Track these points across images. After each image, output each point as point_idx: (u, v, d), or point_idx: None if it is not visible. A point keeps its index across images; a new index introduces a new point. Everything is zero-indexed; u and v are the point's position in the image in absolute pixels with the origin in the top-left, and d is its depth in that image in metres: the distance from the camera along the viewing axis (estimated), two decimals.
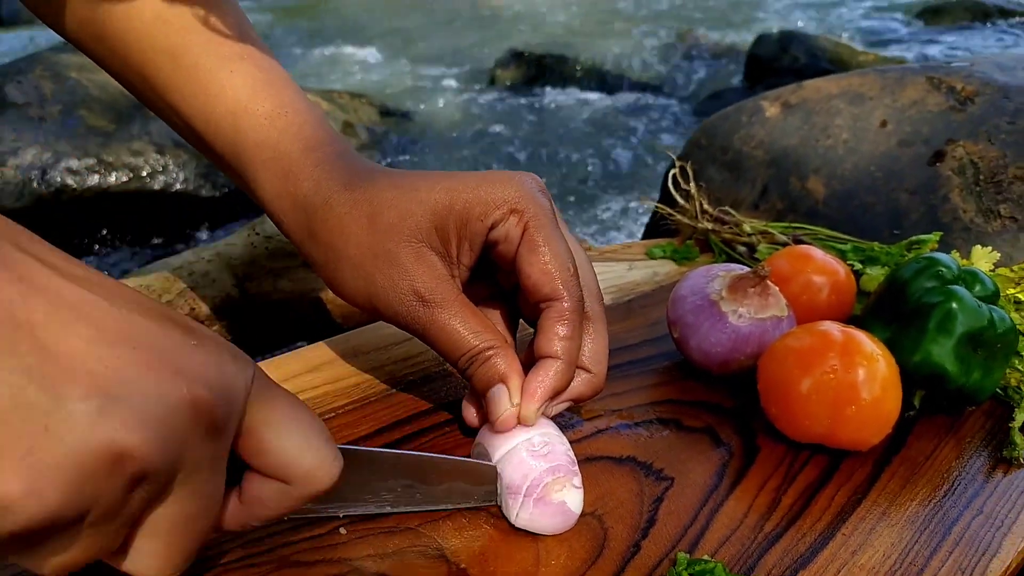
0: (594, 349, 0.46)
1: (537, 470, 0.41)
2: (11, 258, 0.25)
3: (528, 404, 0.43)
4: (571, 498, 0.42)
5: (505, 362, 0.43)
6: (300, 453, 0.31)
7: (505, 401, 0.43)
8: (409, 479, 0.41)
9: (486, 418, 0.44)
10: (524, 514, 0.41)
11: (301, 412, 0.32)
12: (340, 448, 0.34)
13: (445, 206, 0.43)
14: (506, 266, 0.45)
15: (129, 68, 0.50)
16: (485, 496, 0.43)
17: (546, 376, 0.43)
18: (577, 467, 0.43)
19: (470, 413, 0.47)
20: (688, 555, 0.41)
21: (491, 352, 0.43)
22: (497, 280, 0.49)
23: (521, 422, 0.43)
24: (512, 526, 0.42)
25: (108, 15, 0.49)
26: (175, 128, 0.52)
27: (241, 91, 0.48)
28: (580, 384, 0.45)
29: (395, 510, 0.41)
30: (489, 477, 0.42)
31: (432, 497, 0.42)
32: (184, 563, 0.30)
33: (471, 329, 0.43)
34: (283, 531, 0.41)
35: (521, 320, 0.50)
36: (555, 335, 0.43)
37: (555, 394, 0.44)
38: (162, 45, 0.48)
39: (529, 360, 0.45)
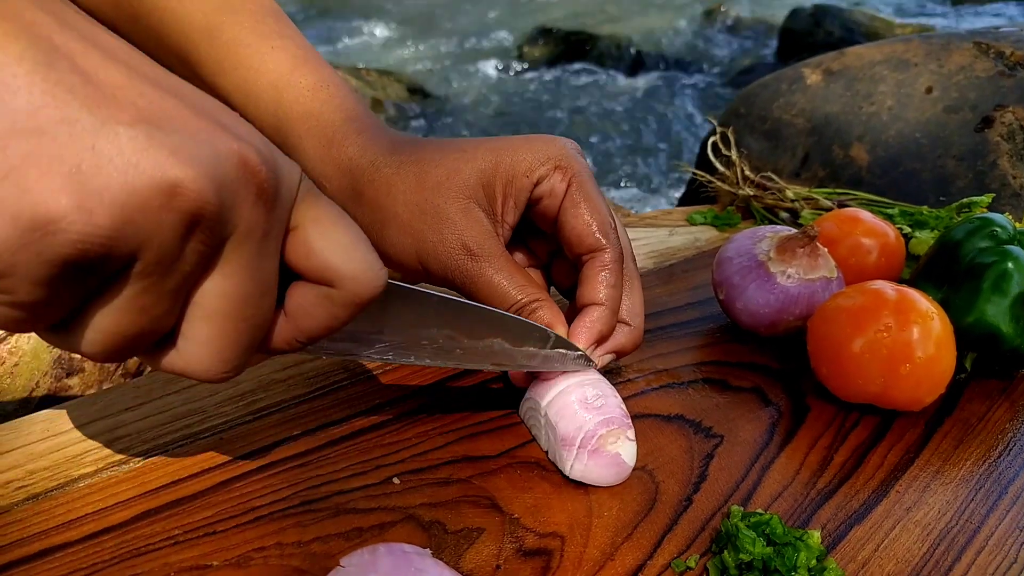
0: (632, 303, 0.47)
1: (592, 422, 0.41)
2: (46, 1, 0.25)
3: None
4: (625, 450, 0.42)
5: (550, 313, 0.44)
6: (347, 254, 0.30)
7: None
8: (451, 328, 0.39)
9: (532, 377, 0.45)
10: (579, 465, 0.41)
11: (348, 219, 0.32)
12: (388, 283, 0.34)
13: (492, 164, 0.45)
14: (547, 225, 0.46)
15: (164, 47, 0.51)
16: (525, 357, 0.42)
17: (592, 321, 0.44)
18: (630, 420, 0.43)
19: (518, 373, 0.47)
20: (742, 508, 0.41)
21: (536, 304, 0.44)
22: (533, 250, 0.50)
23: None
24: (566, 478, 0.42)
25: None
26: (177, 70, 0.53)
27: (283, 65, 0.49)
28: (621, 336, 0.46)
29: (434, 362, 0.40)
30: (532, 336, 0.42)
31: (473, 353, 0.41)
32: (237, 360, 0.29)
33: (516, 283, 0.44)
34: (339, 479, 0.41)
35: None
36: (600, 283, 0.44)
37: (600, 339, 0.45)
38: (200, 23, 0.49)
39: (569, 318, 0.45)
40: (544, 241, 0.49)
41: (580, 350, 0.44)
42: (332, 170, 0.47)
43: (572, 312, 0.46)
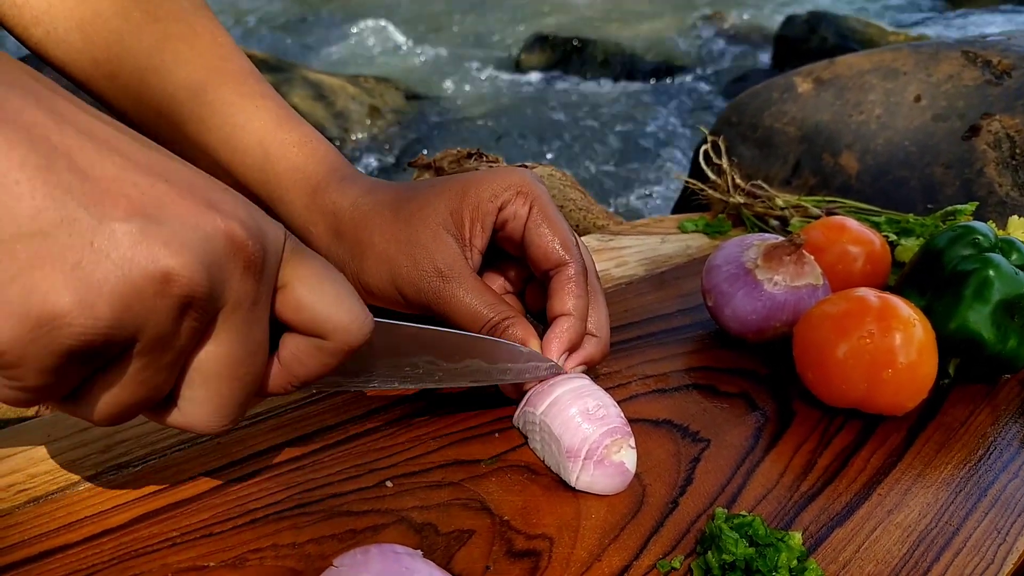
0: (597, 317, 0.49)
1: (596, 433, 0.42)
2: (38, 90, 0.26)
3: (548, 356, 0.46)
4: (628, 458, 0.43)
5: (522, 329, 0.46)
6: (335, 307, 0.33)
7: None
8: (431, 355, 0.42)
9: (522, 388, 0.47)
10: (585, 476, 0.42)
11: (334, 272, 0.34)
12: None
13: (460, 194, 0.48)
14: (514, 248, 0.49)
15: (145, 104, 0.53)
16: (500, 373, 0.45)
17: (562, 331, 0.47)
18: (630, 428, 0.44)
19: (507, 386, 0.48)
20: (726, 510, 0.42)
21: (508, 322, 0.46)
22: (507, 277, 0.52)
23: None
24: (570, 488, 0.43)
25: (125, 55, 0.52)
26: (189, 158, 0.54)
27: (268, 124, 0.52)
28: (589, 346, 0.48)
29: (416, 386, 0.43)
30: (503, 355, 0.45)
31: (452, 374, 0.44)
32: (234, 414, 0.31)
33: (486, 302, 0.46)
34: (333, 483, 0.42)
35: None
36: (566, 294, 0.47)
37: (572, 347, 0.47)
38: (184, 84, 0.51)
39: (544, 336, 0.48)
40: (516, 267, 0.52)
41: (552, 361, 0.46)
42: (317, 216, 0.51)
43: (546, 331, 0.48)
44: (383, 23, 3.74)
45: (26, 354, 0.25)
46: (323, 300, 0.32)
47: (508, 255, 0.51)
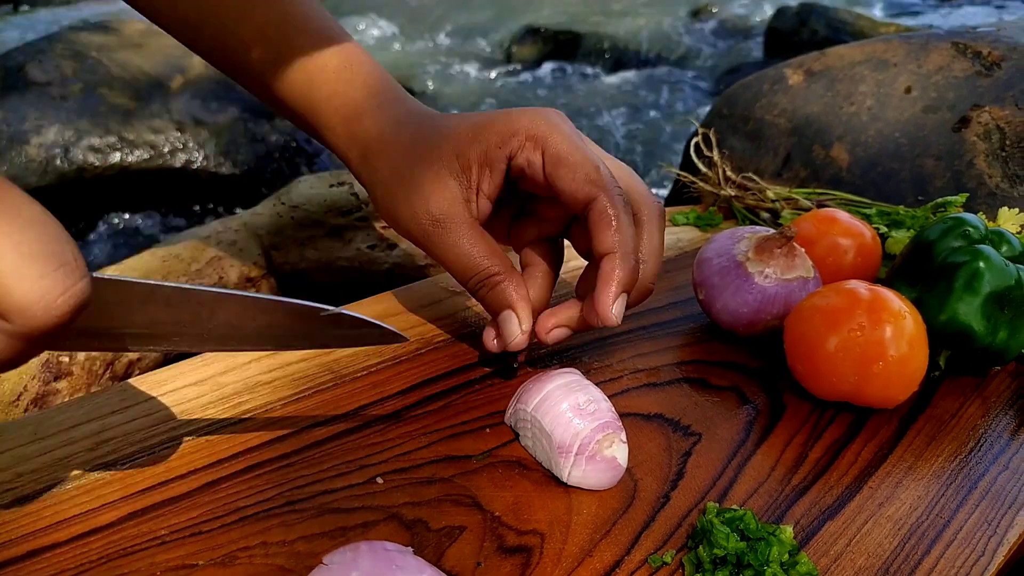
0: (648, 243, 0.47)
1: (587, 428, 0.42)
2: None
3: (603, 305, 0.44)
4: (620, 453, 0.43)
5: (513, 288, 0.45)
6: (11, 282, 0.26)
7: (515, 326, 0.46)
8: (178, 313, 0.35)
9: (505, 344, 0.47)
10: (576, 472, 0.42)
11: (21, 229, 0.26)
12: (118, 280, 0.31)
13: (468, 136, 0.46)
14: (545, 191, 0.47)
15: (198, 29, 0.53)
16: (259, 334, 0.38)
17: (607, 273, 0.44)
18: (621, 422, 0.44)
19: (489, 336, 0.48)
20: (717, 504, 0.42)
21: (499, 278, 0.45)
22: (546, 222, 0.50)
23: (606, 322, 0.44)
24: (562, 484, 0.43)
25: None
26: (246, 82, 0.55)
27: (313, 51, 0.51)
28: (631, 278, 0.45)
29: (180, 348, 0.37)
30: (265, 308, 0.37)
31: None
32: None
33: (480, 252, 0.45)
34: (323, 479, 0.42)
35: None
36: (604, 231, 0.44)
37: (626, 287, 0.44)
38: (235, 13, 0.51)
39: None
40: (556, 207, 0.49)
41: (330, 309, 0.38)
42: (352, 144, 0.51)
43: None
44: (375, 17, 3.72)
45: None
46: None
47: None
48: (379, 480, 0.42)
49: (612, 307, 0.44)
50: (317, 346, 0.42)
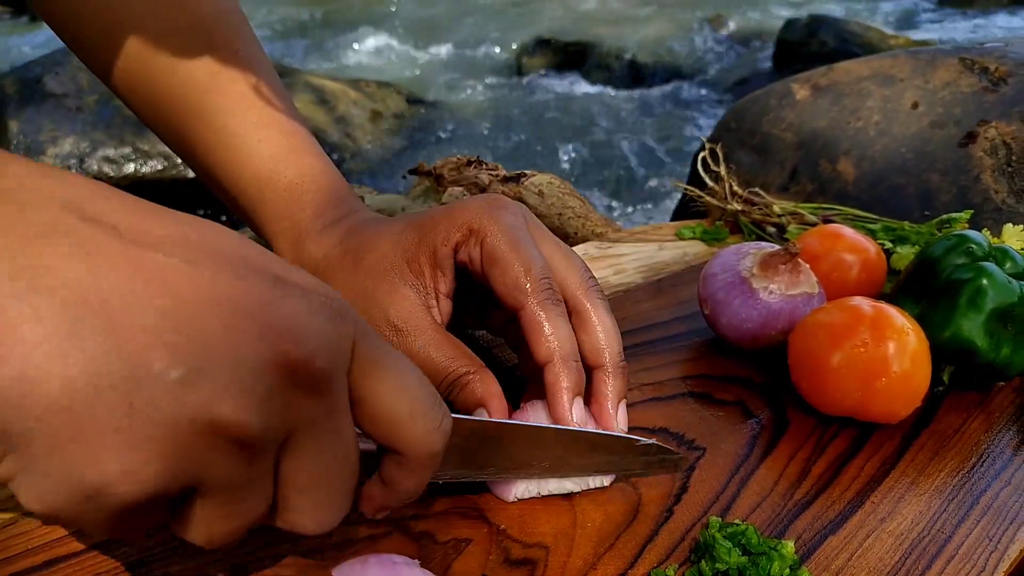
0: (591, 339, 0.45)
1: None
2: (77, 231, 0.24)
3: (562, 418, 0.43)
4: None
5: (482, 386, 0.43)
6: (404, 422, 0.31)
7: None
8: (562, 451, 0.42)
9: None
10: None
11: (407, 374, 0.31)
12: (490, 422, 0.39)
13: (415, 241, 0.46)
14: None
15: (162, 124, 0.55)
16: (628, 464, 0.45)
17: (551, 381, 0.43)
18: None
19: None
20: (720, 519, 0.42)
21: (468, 378, 0.44)
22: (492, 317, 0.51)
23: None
24: (569, 496, 0.44)
25: (148, 73, 0.53)
26: (206, 180, 0.57)
27: (266, 162, 0.52)
28: (604, 382, 0.45)
29: (544, 476, 0.43)
30: (629, 446, 0.44)
31: (587, 466, 0.43)
32: (337, 515, 0.30)
33: (446, 355, 0.44)
34: None
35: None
36: (535, 341, 0.43)
37: (575, 390, 0.43)
38: (194, 104, 0.52)
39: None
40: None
41: (671, 450, 0.46)
42: (300, 264, 0.50)
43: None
44: (385, 28, 3.75)
45: (80, 517, 0.25)
46: (390, 415, 0.30)
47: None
48: None
49: (571, 416, 0.43)
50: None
